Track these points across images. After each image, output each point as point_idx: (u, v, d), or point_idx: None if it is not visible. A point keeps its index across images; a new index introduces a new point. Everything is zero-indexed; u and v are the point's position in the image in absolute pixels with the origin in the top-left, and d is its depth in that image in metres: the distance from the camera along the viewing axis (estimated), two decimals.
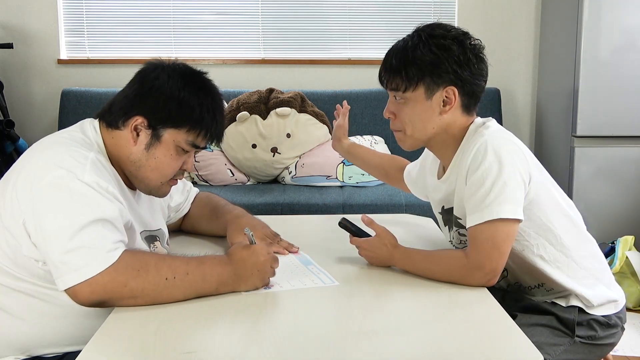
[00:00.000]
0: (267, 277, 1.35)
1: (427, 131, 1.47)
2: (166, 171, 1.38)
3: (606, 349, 1.57)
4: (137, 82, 1.39)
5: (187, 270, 1.26)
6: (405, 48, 1.44)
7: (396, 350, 1.08)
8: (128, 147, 1.36)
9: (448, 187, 1.52)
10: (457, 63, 1.41)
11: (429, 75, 1.42)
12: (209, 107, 1.37)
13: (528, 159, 1.43)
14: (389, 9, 3.80)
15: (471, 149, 1.41)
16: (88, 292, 1.18)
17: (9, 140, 3.30)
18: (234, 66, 3.79)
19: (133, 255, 1.25)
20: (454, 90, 1.43)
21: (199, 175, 3.36)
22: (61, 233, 1.18)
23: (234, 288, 1.32)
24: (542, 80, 3.78)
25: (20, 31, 3.69)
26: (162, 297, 1.25)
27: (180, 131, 1.35)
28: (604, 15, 3.17)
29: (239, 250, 1.35)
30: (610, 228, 3.24)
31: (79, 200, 1.21)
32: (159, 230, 1.53)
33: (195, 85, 1.38)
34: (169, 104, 1.34)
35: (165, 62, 1.40)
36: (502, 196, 1.35)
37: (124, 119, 1.36)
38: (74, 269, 1.18)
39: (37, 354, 1.32)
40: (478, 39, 1.47)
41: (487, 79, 1.50)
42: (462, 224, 1.50)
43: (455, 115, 1.47)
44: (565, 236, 1.49)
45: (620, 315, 1.56)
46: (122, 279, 1.20)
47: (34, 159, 1.29)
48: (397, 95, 1.47)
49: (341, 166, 3.32)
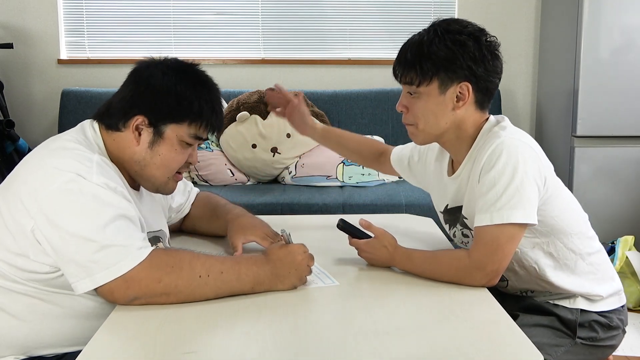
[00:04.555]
0: (304, 276, 1.36)
1: (440, 126, 1.46)
2: (172, 166, 1.39)
3: (607, 351, 1.57)
4: (132, 82, 1.39)
5: (221, 270, 1.27)
6: (421, 42, 1.43)
7: (396, 351, 1.08)
8: (131, 148, 1.36)
9: (459, 185, 1.51)
10: (472, 59, 1.40)
11: (444, 70, 1.41)
12: (207, 99, 1.38)
13: (543, 161, 1.42)
14: (389, 9, 3.80)
15: (486, 148, 1.39)
16: (124, 289, 1.20)
17: (9, 140, 3.30)
18: (234, 66, 3.79)
19: (166, 252, 1.27)
20: (467, 86, 1.42)
21: (199, 175, 3.36)
22: (85, 234, 1.19)
23: (271, 287, 1.32)
24: (542, 80, 3.78)
25: (20, 31, 3.69)
26: (195, 295, 1.25)
27: (181, 125, 1.36)
28: (604, 15, 3.17)
29: (276, 250, 1.36)
30: (610, 228, 3.24)
31: (93, 201, 1.22)
32: (160, 231, 1.53)
33: (191, 79, 1.38)
34: (167, 100, 1.34)
35: (157, 60, 1.40)
36: (514, 200, 1.34)
37: (124, 120, 1.36)
38: (106, 266, 1.18)
39: (37, 354, 1.31)
40: (494, 36, 1.46)
41: (502, 77, 1.49)
42: (468, 225, 1.50)
43: (468, 111, 1.46)
44: (575, 234, 1.50)
45: (621, 317, 1.56)
46: (157, 275, 1.21)
47: (38, 165, 1.28)
48: (410, 89, 1.46)
49: (341, 166, 3.32)
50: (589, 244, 1.54)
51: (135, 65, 1.41)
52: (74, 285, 1.21)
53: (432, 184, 1.67)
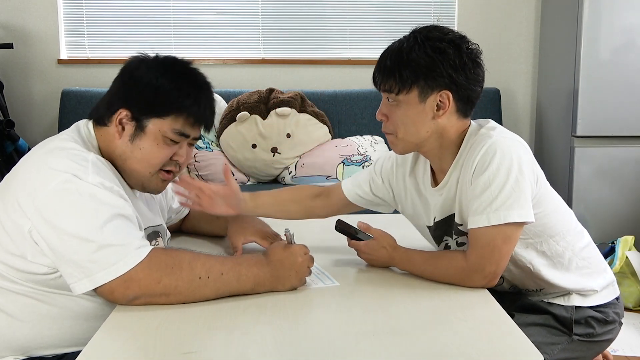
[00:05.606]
0: (304, 277, 1.36)
1: (420, 135, 1.42)
2: (153, 161, 1.36)
3: (604, 344, 1.58)
4: (120, 77, 1.39)
5: (221, 271, 1.27)
6: (401, 49, 1.40)
7: (396, 351, 1.08)
8: (114, 142, 1.36)
9: (447, 195, 1.47)
10: (452, 67, 1.37)
11: (423, 78, 1.37)
12: (189, 92, 1.35)
13: (534, 159, 1.42)
14: (388, 9, 3.80)
15: (478, 150, 1.37)
16: (123, 289, 1.20)
17: (9, 140, 3.30)
18: (234, 66, 3.79)
19: (166, 252, 1.26)
20: (448, 95, 1.38)
21: (199, 175, 3.36)
22: (83, 234, 1.19)
23: (271, 288, 1.32)
24: (542, 80, 3.77)
25: (20, 31, 3.69)
26: (195, 295, 1.25)
27: (164, 120, 1.34)
28: (604, 15, 3.17)
29: (277, 250, 1.35)
30: (610, 228, 3.24)
31: (90, 201, 1.22)
32: (159, 225, 1.53)
33: (175, 72, 1.37)
34: (147, 93, 1.33)
35: (147, 56, 1.40)
36: (510, 200, 1.33)
37: (109, 114, 1.35)
38: (105, 267, 1.18)
39: (37, 354, 1.31)
40: (476, 44, 1.42)
41: (484, 85, 1.46)
42: (464, 231, 1.46)
43: (450, 120, 1.42)
44: (566, 230, 1.50)
45: (617, 311, 1.57)
46: (156, 276, 1.21)
47: (34, 166, 1.28)
48: (389, 97, 1.42)
49: (341, 166, 3.32)
50: (579, 238, 1.55)
51: (125, 62, 1.41)
52: (73, 286, 1.21)
53: (408, 201, 1.60)
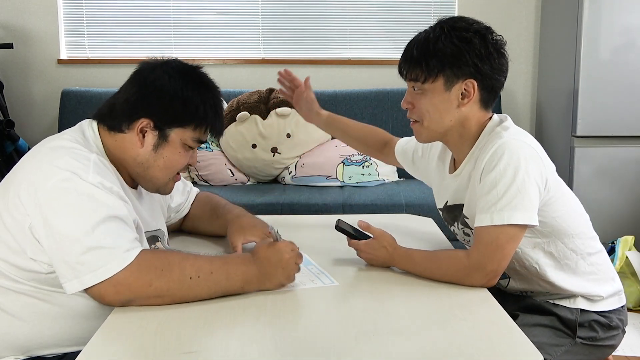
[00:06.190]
0: (292, 274, 1.36)
1: (444, 123, 1.46)
2: (174, 168, 1.41)
3: (607, 350, 1.57)
4: (137, 84, 1.38)
5: (210, 270, 1.27)
6: (427, 39, 1.44)
7: (396, 351, 1.08)
8: (134, 150, 1.36)
9: (459, 183, 1.52)
10: (478, 56, 1.41)
11: (449, 67, 1.41)
12: (212, 104, 1.40)
13: (544, 162, 1.42)
14: (389, 9, 3.79)
15: (488, 148, 1.40)
16: (113, 293, 1.20)
17: (9, 140, 3.30)
18: (234, 66, 3.79)
19: (154, 254, 1.26)
20: (473, 84, 1.43)
21: (199, 175, 3.36)
22: (75, 234, 1.19)
23: (259, 286, 1.32)
24: (542, 80, 3.78)
25: (20, 31, 3.69)
26: (189, 296, 1.26)
27: (186, 129, 1.37)
28: (604, 15, 3.17)
29: (264, 248, 1.35)
30: (610, 228, 3.24)
31: (87, 201, 1.22)
32: (158, 230, 1.53)
33: (196, 82, 1.39)
34: (175, 104, 1.35)
35: (160, 61, 1.40)
36: (515, 201, 1.34)
37: (128, 122, 1.36)
38: (93, 269, 1.18)
39: (37, 354, 1.31)
40: (500, 35, 1.46)
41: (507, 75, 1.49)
42: (469, 225, 1.50)
43: (473, 109, 1.46)
44: (576, 234, 1.50)
45: (621, 317, 1.57)
46: (146, 279, 1.21)
47: (36, 163, 1.28)
48: (415, 86, 1.46)
49: (341, 166, 3.32)
50: (590, 244, 1.54)
51: (139, 67, 1.41)
52: (64, 286, 1.21)
53: (434, 180, 1.68)
